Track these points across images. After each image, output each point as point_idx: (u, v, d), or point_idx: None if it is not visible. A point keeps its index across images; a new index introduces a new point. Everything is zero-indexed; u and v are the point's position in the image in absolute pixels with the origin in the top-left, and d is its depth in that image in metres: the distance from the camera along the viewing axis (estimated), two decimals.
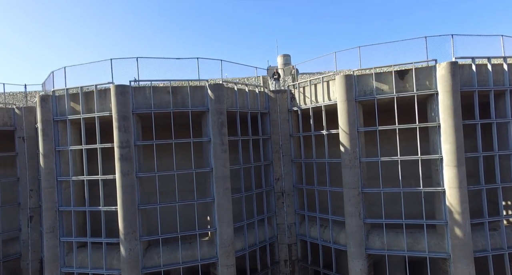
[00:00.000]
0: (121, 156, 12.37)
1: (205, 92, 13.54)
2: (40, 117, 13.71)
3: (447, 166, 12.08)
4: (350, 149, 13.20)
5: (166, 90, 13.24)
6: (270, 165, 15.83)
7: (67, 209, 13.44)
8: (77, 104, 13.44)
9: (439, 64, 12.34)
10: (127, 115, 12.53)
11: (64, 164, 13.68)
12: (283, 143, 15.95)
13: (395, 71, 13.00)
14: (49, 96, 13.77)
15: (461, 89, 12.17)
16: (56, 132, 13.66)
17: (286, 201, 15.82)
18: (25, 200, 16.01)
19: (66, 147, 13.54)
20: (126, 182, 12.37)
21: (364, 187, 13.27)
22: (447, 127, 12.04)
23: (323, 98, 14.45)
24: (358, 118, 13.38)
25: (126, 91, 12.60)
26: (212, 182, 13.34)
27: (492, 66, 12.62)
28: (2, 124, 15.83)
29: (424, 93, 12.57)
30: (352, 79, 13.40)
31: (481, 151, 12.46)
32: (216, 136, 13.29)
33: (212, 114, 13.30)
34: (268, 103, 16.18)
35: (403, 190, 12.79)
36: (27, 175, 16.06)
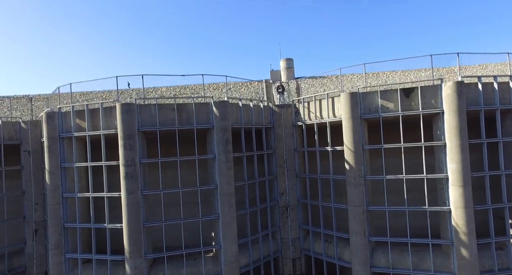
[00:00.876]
0: (126, 174, 12.41)
1: (210, 108, 13.56)
2: (46, 133, 13.79)
3: (453, 186, 12.02)
4: (355, 167, 13.17)
5: (171, 107, 13.27)
6: (274, 180, 15.83)
7: (73, 225, 13.49)
8: (83, 121, 13.51)
9: (445, 83, 12.30)
10: (133, 133, 12.57)
11: (70, 180, 13.74)
12: (287, 157, 15.94)
13: (400, 89, 12.97)
14: (55, 113, 13.85)
15: (467, 108, 12.12)
16: (61, 148, 13.72)
17: (290, 216, 15.80)
18: (30, 214, 16.09)
19: (72, 164, 13.60)
20: (131, 201, 12.41)
21: (369, 205, 13.23)
22: (453, 147, 11.99)
23: (328, 114, 14.43)
24: (363, 135, 13.36)
25: (131, 109, 12.65)
26: (217, 199, 13.35)
27: (499, 84, 12.57)
28: (8, 138, 15.93)
29: (430, 112, 12.53)
30: (357, 96, 13.39)
31: (487, 170, 12.40)
32: (221, 153, 13.30)
33: (217, 131, 13.32)
34: (272, 117, 16.18)
35: (408, 209, 12.75)
36: (32, 189, 16.15)
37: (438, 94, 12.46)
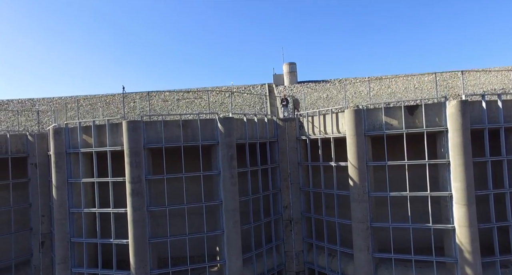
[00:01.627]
0: (132, 191, 12.56)
1: (215, 125, 13.67)
2: (53, 149, 13.96)
3: (457, 204, 12.08)
4: (359, 183, 13.25)
5: (176, 123, 13.40)
6: (278, 193, 15.93)
7: (79, 240, 13.66)
8: (89, 137, 13.67)
9: (449, 102, 12.34)
10: (139, 151, 12.71)
11: (76, 195, 13.91)
12: (291, 171, 16.04)
13: (404, 106, 13.03)
14: (62, 129, 14.02)
15: (471, 127, 12.15)
16: (68, 164, 13.89)
17: (294, 229, 15.90)
18: (36, 226, 16.28)
19: (78, 180, 13.77)
20: (137, 217, 12.55)
21: (373, 221, 13.31)
22: (457, 165, 12.03)
23: (332, 129, 14.51)
24: (367, 152, 13.43)
25: (137, 127, 12.78)
26: (222, 214, 13.47)
27: (503, 102, 12.59)
28: (16, 151, 16.09)
29: (434, 130, 12.58)
30: (362, 113, 13.45)
31: (491, 188, 12.44)
32: (226, 169, 13.42)
33: (222, 147, 13.44)
34: (277, 131, 16.26)
35: (412, 226, 12.81)
36: (39, 201, 16.33)
37: (442, 112, 12.50)
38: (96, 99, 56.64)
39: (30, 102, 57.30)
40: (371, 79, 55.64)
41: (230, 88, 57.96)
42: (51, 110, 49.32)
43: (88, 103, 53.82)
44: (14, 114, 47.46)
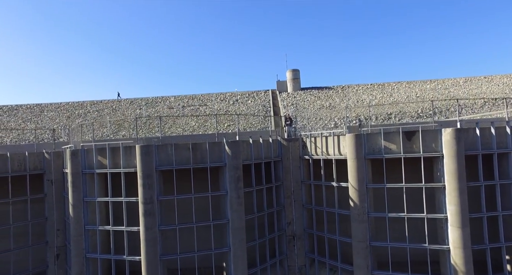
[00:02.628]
0: (145, 211, 13.35)
1: (223, 148, 14.42)
2: (70, 169, 14.77)
3: (452, 227, 12.75)
4: (359, 204, 13.95)
5: (186, 146, 14.16)
6: (282, 210, 16.65)
7: (94, 256, 14.48)
8: (104, 158, 14.48)
9: (444, 129, 12.99)
10: (151, 173, 13.49)
11: (91, 213, 14.73)
12: (294, 188, 16.75)
13: (402, 132, 13.70)
14: (78, 150, 14.82)
15: (466, 153, 12.82)
16: (84, 183, 14.71)
17: (297, 244, 16.62)
18: (52, 239, 17.13)
19: (94, 198, 14.58)
20: (149, 236, 13.35)
21: (372, 240, 14.00)
22: (452, 189, 12.70)
23: (334, 151, 15.20)
24: (367, 174, 14.12)
25: (150, 151, 13.57)
26: (229, 232, 14.23)
27: (496, 129, 13.23)
28: (33, 168, 16.97)
29: (430, 155, 13.25)
30: (362, 137, 14.12)
31: (485, 211, 13.10)
32: (233, 190, 14.17)
33: (229, 169, 14.19)
34: (281, 150, 16.98)
35: (409, 246, 13.49)
36: (54, 216, 17.19)
37: (438, 138, 13.17)
38: (103, 105, 57.73)
39: (38, 107, 58.53)
40: (374, 86, 56.24)
41: (234, 94, 58.82)
42: (59, 116, 50.29)
43: (95, 109, 54.96)
44: (24, 120, 48.61)
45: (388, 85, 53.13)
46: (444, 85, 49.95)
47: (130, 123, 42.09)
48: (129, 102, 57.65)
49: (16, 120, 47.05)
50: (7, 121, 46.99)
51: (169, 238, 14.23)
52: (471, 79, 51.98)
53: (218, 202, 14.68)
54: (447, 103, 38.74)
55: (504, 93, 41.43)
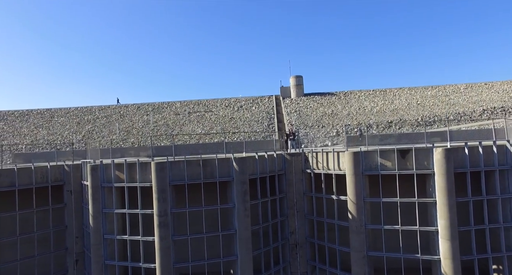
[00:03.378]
0: (159, 223, 14.57)
1: (231, 163, 15.59)
2: (90, 183, 16.03)
3: (442, 239, 13.83)
4: (357, 217, 15.06)
5: (197, 163, 15.35)
6: (285, 220, 17.79)
7: (112, 263, 15.73)
8: (122, 173, 15.71)
9: (435, 149, 14.07)
10: (165, 188, 14.71)
11: (109, 223, 15.97)
12: (297, 200, 17.89)
13: (397, 150, 14.80)
14: (97, 166, 16.07)
15: (455, 171, 13.89)
16: (103, 196, 15.95)
17: (299, 252, 17.76)
18: (71, 246, 18.42)
19: (112, 210, 15.83)
20: (163, 245, 14.57)
21: (369, 250, 15.11)
22: (442, 204, 13.79)
23: (334, 166, 16.32)
24: (365, 189, 15.22)
25: (164, 167, 14.78)
26: (236, 242, 15.40)
27: (483, 148, 14.29)
28: (54, 180, 18.25)
29: (423, 172, 14.34)
30: (360, 155, 15.23)
31: (473, 225, 14.16)
32: (240, 202, 15.35)
33: (236, 183, 15.36)
34: (284, 164, 18.10)
35: (403, 256, 14.60)
36: (73, 224, 18.47)
37: (430, 157, 14.25)
38: (110, 110, 59.16)
39: (49, 112, 60.05)
40: (376, 92, 57.11)
41: (238, 99, 59.90)
42: (69, 122, 51.65)
43: (103, 114, 56.35)
44: (36, 126, 50.05)
45: (390, 91, 54.08)
46: (445, 91, 50.80)
47: (138, 129, 43.42)
48: (136, 107, 59.09)
49: (28, 126, 48.58)
50: (20, 127, 48.56)
51: (181, 247, 15.43)
52: (472, 85, 52.79)
53: (226, 214, 15.85)
54: (446, 111, 39.68)
55: (503, 101, 42.29)
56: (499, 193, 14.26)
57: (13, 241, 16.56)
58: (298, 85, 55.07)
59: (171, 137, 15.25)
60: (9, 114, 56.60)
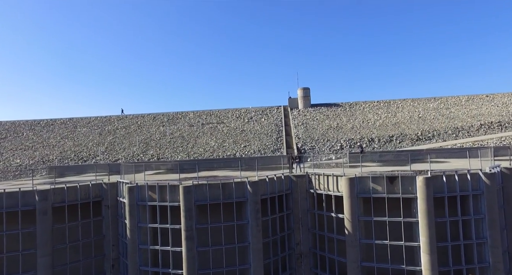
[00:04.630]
0: (186, 237, 17.56)
1: (245, 186, 18.49)
2: (128, 201, 19.13)
3: (423, 253, 16.47)
4: (352, 232, 17.80)
5: (217, 186, 18.30)
6: (292, 233, 20.60)
7: (145, 269, 18.78)
8: (154, 194, 18.77)
9: (418, 177, 16.72)
10: (191, 207, 17.70)
11: (143, 235, 19.03)
12: (302, 216, 20.68)
13: (386, 177, 17.48)
14: (134, 187, 19.16)
15: (434, 195, 16.52)
16: (138, 212, 19.02)
17: (303, 261, 20.55)
18: (109, 252, 21.55)
19: (145, 224, 18.88)
20: (189, 255, 17.55)
21: (362, 261, 17.82)
22: (423, 224, 16.43)
23: (333, 188, 19.07)
24: (359, 208, 17.94)
25: (190, 190, 17.77)
26: (249, 253, 18.29)
27: (459, 176, 16.88)
28: (94, 196, 21.42)
29: (407, 196, 17.01)
30: (355, 180, 17.95)
31: (449, 241, 16.76)
32: (253, 219, 18.23)
33: (250, 203, 18.26)
34: (291, 184, 20.90)
35: (391, 267, 17.27)
36: (110, 234, 21.62)
37: (414, 183, 16.90)
38: (128, 121, 63.12)
39: (71, 122, 64.37)
40: (380, 103, 59.55)
41: (248, 110, 63.09)
42: (92, 133, 55.43)
43: (122, 125, 60.13)
44: (62, 137, 53.94)
45: (393, 103, 56.51)
46: (446, 103, 52.95)
47: (156, 141, 46.71)
48: (152, 117, 62.81)
49: (55, 137, 52.50)
50: (48, 137, 52.52)
51: (204, 256, 18.38)
52: (473, 97, 54.79)
53: (241, 229, 18.74)
54: (445, 126, 42.01)
55: (501, 115, 44.38)
56: (473, 214, 16.83)
57: (63, 248, 19.74)
58: (305, 96, 57.90)
59: (196, 166, 18.06)
60: (35, 124, 60.80)
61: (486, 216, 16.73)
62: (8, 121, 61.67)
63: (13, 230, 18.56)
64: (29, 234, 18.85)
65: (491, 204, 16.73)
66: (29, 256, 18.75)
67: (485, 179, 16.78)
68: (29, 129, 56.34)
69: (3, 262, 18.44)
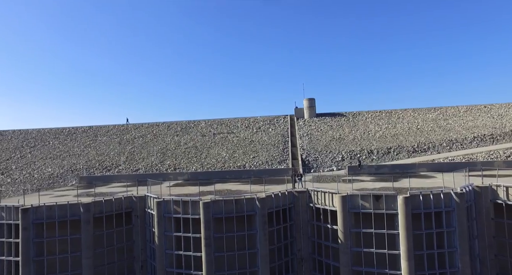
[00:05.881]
0: (205, 244, 21.20)
1: (254, 202, 22.03)
2: (156, 213, 22.86)
3: (403, 260, 19.77)
4: (344, 242, 21.19)
5: (231, 202, 21.88)
6: (294, 241, 24.08)
7: (171, 270, 22.49)
8: (178, 208, 22.46)
9: (399, 197, 20.01)
10: (209, 220, 21.32)
11: (169, 242, 22.73)
12: (303, 226, 24.12)
13: (373, 195, 20.82)
14: (161, 202, 22.87)
15: (412, 212, 19.78)
16: (164, 223, 22.73)
17: (304, 265, 24.00)
18: (138, 255, 25.37)
19: (171, 233, 22.59)
20: (208, 259, 21.18)
21: (353, 266, 21.20)
22: (403, 236, 19.72)
23: (329, 203, 22.47)
24: (350, 222, 21.30)
25: (209, 205, 21.40)
26: (258, 258, 21.84)
27: (433, 195, 20.11)
28: (126, 207, 25.24)
29: (390, 212, 20.32)
30: (347, 198, 21.32)
31: (425, 250, 20.02)
32: (261, 230, 21.77)
33: (259, 216, 21.79)
34: (293, 199, 24.35)
35: (376, 271, 20.61)
36: (139, 239, 25.43)
37: (395, 201, 20.18)
38: (144, 130, 67.36)
39: (91, 130, 68.97)
40: (382, 113, 62.55)
41: (257, 120, 66.81)
42: (112, 142, 59.37)
43: (139, 134, 64.23)
44: (85, 146, 58.34)
45: (395, 113, 59.44)
46: (445, 114, 55.68)
47: (172, 151, 50.55)
48: (166, 126, 66.98)
49: (78, 146, 56.86)
50: (72, 146, 56.92)
51: (220, 260, 21.99)
52: (472, 108, 57.40)
53: (251, 238, 22.29)
54: (441, 138, 44.93)
55: (494, 127, 47.10)
56: (445, 227, 20.06)
57: (102, 251, 23.60)
58: (310, 107, 61.21)
59: (214, 189, 21.48)
60: (59, 132, 65.46)
61: (456, 229, 19.93)
62: (34, 129, 66.43)
63: (63, 236, 22.49)
64: (75, 239, 22.75)
65: (461, 218, 19.93)
66: (75, 258, 22.66)
67: (455, 198, 20.00)
68: (54, 137, 60.91)
69: (56, 262, 22.35)
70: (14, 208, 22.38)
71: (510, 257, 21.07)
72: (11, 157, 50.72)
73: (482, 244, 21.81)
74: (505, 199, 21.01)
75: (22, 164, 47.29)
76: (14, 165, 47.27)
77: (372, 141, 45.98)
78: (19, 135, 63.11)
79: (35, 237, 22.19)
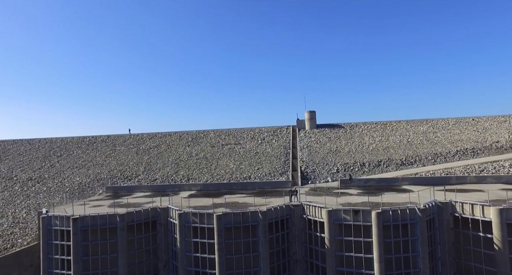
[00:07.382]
0: (218, 248, 26.48)
1: (258, 214, 27.24)
2: (178, 223, 28.21)
3: (376, 262, 24.79)
4: (330, 247, 26.27)
5: (239, 214, 27.12)
6: (290, 246, 29.22)
7: (190, 269, 27.83)
8: (196, 218, 27.77)
9: (373, 212, 25.02)
10: (221, 229, 26.59)
11: (188, 246, 28.06)
12: (298, 234, 29.24)
13: (352, 210, 25.86)
14: (182, 214, 28.21)
15: (383, 224, 24.78)
16: (185, 230, 28.06)
17: (298, 265, 29.13)
18: (161, 256, 30.78)
19: (190, 239, 27.92)
20: (220, 261, 26.47)
21: (336, 267, 26.29)
22: (376, 244, 24.74)
23: (318, 215, 27.54)
24: (335, 231, 26.37)
25: (221, 217, 26.66)
26: (260, 260, 27.04)
27: (400, 210, 25.08)
28: (152, 217, 30.65)
29: (366, 224, 25.33)
30: (332, 212, 26.39)
31: (393, 254, 25.01)
32: (263, 237, 26.97)
33: (261, 226, 26.99)
34: (290, 211, 29.49)
35: (355, 271, 25.66)
36: (162, 243, 30.83)
37: (370, 215, 25.19)
38: (158, 139, 73.28)
39: (110, 139, 75.13)
40: (378, 125, 67.54)
41: (261, 130, 72.15)
42: (130, 152, 64.95)
43: (153, 144, 69.84)
44: (106, 156, 64.26)
45: (389, 125, 64.19)
46: (435, 127, 60.33)
47: (185, 162, 55.95)
48: (178, 136, 72.59)
49: (100, 155, 62.65)
50: (94, 156, 62.72)
51: (229, 262, 27.24)
52: (460, 120, 61.95)
53: (255, 243, 27.49)
54: (427, 152, 49.67)
55: (477, 141, 51.65)
56: (410, 236, 25.04)
57: (133, 253, 29.04)
58: (311, 119, 66.33)
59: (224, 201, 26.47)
60: (80, 141, 71.51)
61: (419, 237, 24.89)
62: (58, 138, 72.54)
63: (103, 240, 27.98)
64: (113, 243, 28.22)
65: (423, 229, 24.88)
66: (113, 258, 28.14)
67: (419, 212, 24.96)
68: (76, 147, 66.83)
69: (98, 261, 27.85)
70: (66, 218, 27.92)
71: (464, 260, 25.92)
72: (42, 166, 56.68)
73: (443, 249, 26.72)
74: (461, 212, 25.91)
75: (53, 173, 53.17)
76: (47, 174, 53.15)
77: (365, 154, 50.82)
78: (45, 144, 69.24)
79: (82, 241, 27.72)
